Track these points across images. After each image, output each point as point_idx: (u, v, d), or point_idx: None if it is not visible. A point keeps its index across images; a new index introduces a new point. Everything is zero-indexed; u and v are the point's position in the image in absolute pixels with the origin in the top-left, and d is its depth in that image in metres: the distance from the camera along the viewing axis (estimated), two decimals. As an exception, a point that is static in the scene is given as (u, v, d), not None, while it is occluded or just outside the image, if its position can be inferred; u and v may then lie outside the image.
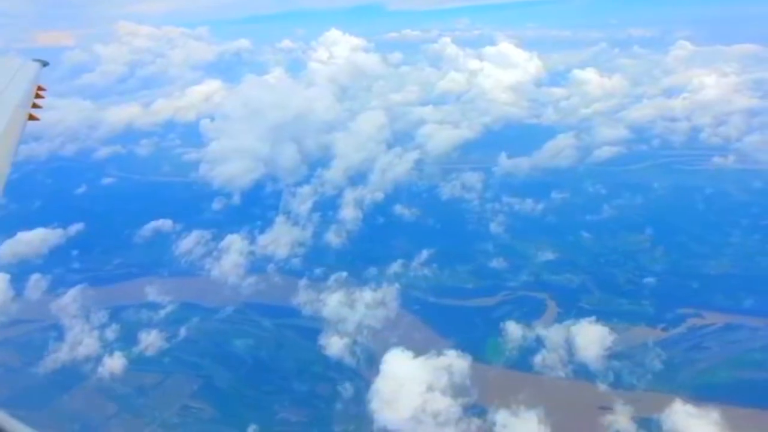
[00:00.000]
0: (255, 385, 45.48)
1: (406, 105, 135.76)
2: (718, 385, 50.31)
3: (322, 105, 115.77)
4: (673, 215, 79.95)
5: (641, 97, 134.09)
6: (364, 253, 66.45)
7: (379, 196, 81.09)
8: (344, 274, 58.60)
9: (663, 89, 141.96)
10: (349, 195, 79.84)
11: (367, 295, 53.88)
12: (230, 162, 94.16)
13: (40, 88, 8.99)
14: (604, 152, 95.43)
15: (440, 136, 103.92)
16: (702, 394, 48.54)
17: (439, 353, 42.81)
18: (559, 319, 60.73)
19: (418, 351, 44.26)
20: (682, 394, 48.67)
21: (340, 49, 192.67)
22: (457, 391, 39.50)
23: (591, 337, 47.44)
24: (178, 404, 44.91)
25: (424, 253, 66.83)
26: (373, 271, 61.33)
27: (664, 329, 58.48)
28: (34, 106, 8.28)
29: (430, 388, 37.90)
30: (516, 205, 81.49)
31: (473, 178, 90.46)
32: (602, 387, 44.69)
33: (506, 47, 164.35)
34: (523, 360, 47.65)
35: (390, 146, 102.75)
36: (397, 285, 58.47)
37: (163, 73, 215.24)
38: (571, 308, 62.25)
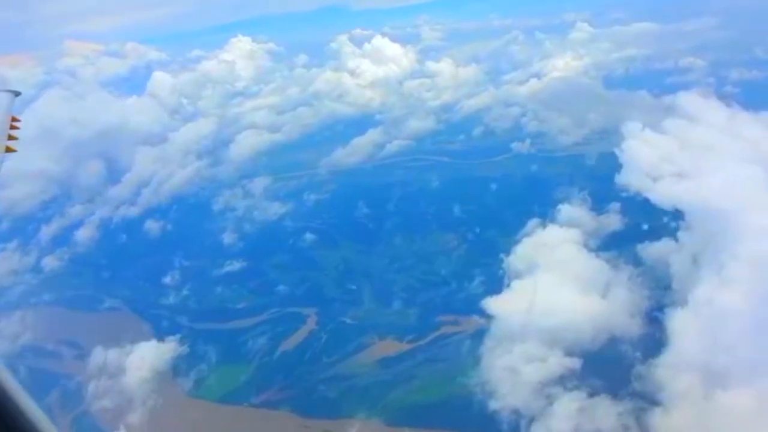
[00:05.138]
0: None
1: (260, 110, 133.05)
2: (418, 407, 46.30)
3: (147, 117, 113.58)
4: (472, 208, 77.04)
5: (496, 84, 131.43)
6: (70, 279, 64.46)
7: (134, 211, 78.90)
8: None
9: (531, 74, 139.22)
10: (99, 212, 77.67)
11: None
12: (18, 185, 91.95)
13: (14, 119, 9.00)
14: (395, 146, 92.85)
15: (247, 143, 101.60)
16: (396, 417, 46.38)
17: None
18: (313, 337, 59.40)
19: None
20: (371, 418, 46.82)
21: (231, 55, 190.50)
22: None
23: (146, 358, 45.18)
24: None
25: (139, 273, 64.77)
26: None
27: (410, 341, 56.03)
28: (10, 138, 8.32)
29: None
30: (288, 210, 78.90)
31: (259, 186, 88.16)
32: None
33: (381, 42, 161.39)
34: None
35: (199, 157, 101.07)
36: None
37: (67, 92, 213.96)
38: (330, 323, 60.53)
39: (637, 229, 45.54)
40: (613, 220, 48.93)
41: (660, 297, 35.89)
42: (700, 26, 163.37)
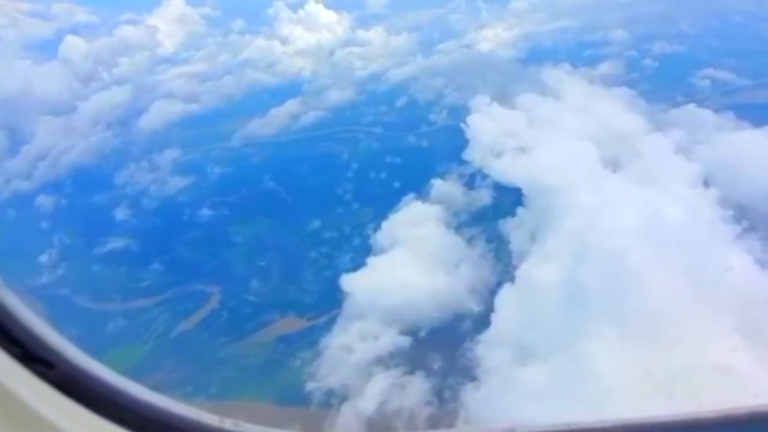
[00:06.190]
0: None
1: (181, 78, 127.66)
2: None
3: (56, 85, 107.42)
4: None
5: (427, 55, 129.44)
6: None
7: (27, 186, 75.07)
8: None
9: (462, 44, 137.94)
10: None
11: None
12: None
13: None
14: (310, 118, 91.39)
15: (161, 113, 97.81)
16: (287, 397, 45.51)
17: None
18: (214, 316, 58.06)
19: None
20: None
21: (160, 19, 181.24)
22: None
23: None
24: None
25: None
26: None
27: (311, 318, 54.98)
28: None
29: None
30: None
31: (167, 158, 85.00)
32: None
33: (315, 8, 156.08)
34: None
35: (108, 127, 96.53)
36: None
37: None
38: (232, 300, 59.23)
39: (502, 205, 46.23)
40: (484, 195, 49.44)
41: (503, 273, 36.65)
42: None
